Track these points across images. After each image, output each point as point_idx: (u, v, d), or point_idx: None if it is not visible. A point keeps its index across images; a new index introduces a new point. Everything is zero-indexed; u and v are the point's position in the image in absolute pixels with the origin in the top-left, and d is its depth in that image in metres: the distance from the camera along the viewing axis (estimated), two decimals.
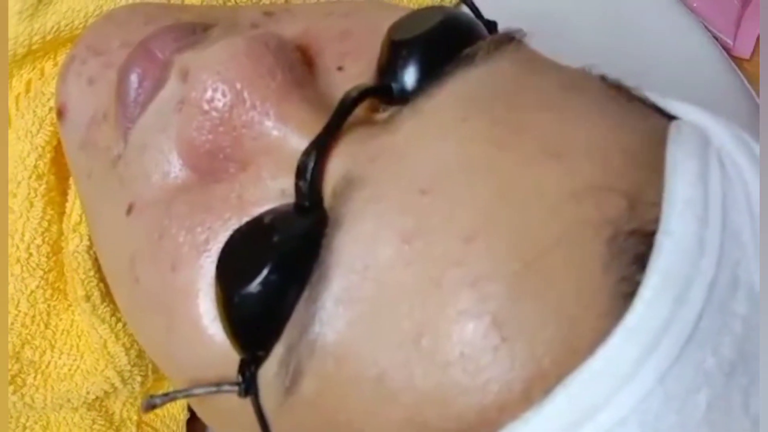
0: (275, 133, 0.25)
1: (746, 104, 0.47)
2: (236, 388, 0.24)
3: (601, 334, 0.21)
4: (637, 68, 0.29)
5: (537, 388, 0.21)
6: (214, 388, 0.25)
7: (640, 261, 0.22)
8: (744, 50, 0.50)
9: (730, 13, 0.51)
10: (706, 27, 0.49)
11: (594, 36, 0.49)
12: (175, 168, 0.28)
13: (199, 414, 0.30)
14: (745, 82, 0.48)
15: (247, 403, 0.25)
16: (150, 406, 0.26)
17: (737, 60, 0.50)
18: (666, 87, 0.29)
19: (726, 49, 0.50)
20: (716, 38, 0.49)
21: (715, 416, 0.21)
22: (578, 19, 0.50)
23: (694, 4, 0.50)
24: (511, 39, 0.27)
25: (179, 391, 0.26)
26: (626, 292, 0.21)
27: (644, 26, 0.50)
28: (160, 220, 0.27)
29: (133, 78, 0.28)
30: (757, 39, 0.51)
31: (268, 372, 0.24)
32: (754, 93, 0.46)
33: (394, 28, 0.27)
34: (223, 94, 0.25)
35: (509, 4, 0.41)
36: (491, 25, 0.29)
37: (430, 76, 0.26)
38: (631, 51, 0.48)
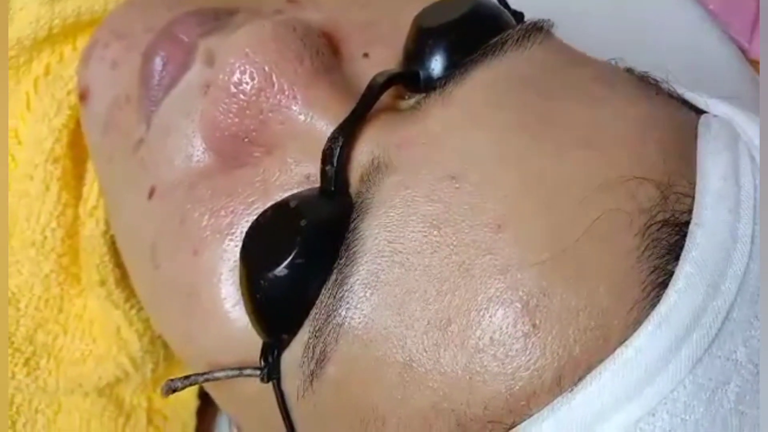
0: (302, 117, 0.25)
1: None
2: (258, 372, 0.24)
3: (633, 324, 0.21)
4: (650, 68, 0.29)
5: (567, 376, 0.21)
6: (236, 372, 0.25)
7: (673, 251, 0.21)
8: (759, 52, 0.50)
9: (746, 15, 0.51)
10: (722, 29, 0.49)
11: (609, 37, 0.49)
12: (198, 152, 0.28)
13: (217, 400, 0.30)
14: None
15: (267, 388, 0.25)
16: (170, 389, 0.25)
17: (753, 62, 0.50)
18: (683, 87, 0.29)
19: (742, 51, 0.50)
20: (732, 40, 0.49)
21: (744, 408, 0.21)
22: (593, 21, 0.50)
23: (710, 6, 0.50)
24: (540, 28, 0.27)
25: (200, 374, 0.26)
26: (659, 281, 0.21)
27: (660, 28, 0.50)
28: (183, 204, 0.27)
29: (158, 61, 0.28)
30: None
31: (292, 356, 0.24)
32: None
33: (422, 15, 0.27)
34: (251, 77, 0.25)
35: (524, 2, 0.41)
36: (518, 15, 0.28)
37: (458, 64, 0.25)
38: (647, 52, 0.48)
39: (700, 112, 0.26)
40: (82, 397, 0.36)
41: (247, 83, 0.25)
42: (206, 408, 0.38)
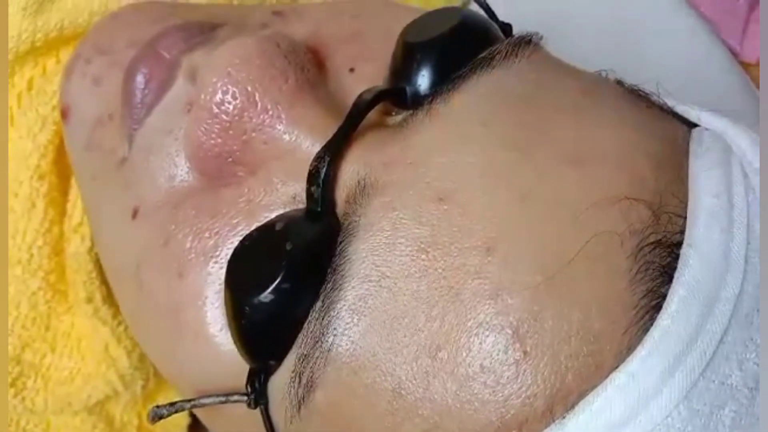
0: (287, 137, 0.25)
1: (755, 109, 0.46)
2: (245, 398, 0.24)
3: (626, 349, 0.20)
4: (644, 73, 0.28)
5: (559, 403, 0.20)
6: (222, 398, 0.24)
7: (666, 273, 0.21)
8: (751, 55, 0.50)
9: (737, 18, 0.50)
10: (714, 32, 0.49)
11: (600, 40, 0.49)
12: (183, 171, 0.27)
13: (205, 423, 0.30)
14: (754, 87, 0.47)
15: (256, 414, 0.24)
16: (156, 416, 0.25)
17: (744, 65, 0.49)
18: (674, 92, 0.29)
19: (733, 54, 0.49)
20: (724, 43, 0.49)
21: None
22: (584, 23, 0.49)
23: (701, 9, 0.50)
24: (529, 42, 0.26)
25: (186, 401, 0.25)
26: (652, 305, 0.21)
27: (651, 31, 0.49)
28: (167, 224, 0.27)
29: (140, 78, 0.28)
30: None
31: (280, 382, 0.24)
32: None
33: (408, 29, 0.27)
34: (234, 97, 0.25)
35: (514, 6, 0.40)
36: (506, 27, 0.28)
37: (445, 80, 0.25)
38: (638, 55, 0.48)
39: (691, 125, 0.26)
40: (72, 416, 0.36)
41: (229, 103, 0.25)
42: (197, 426, 0.38)
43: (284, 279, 0.22)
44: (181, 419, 0.37)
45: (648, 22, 0.49)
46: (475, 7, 0.29)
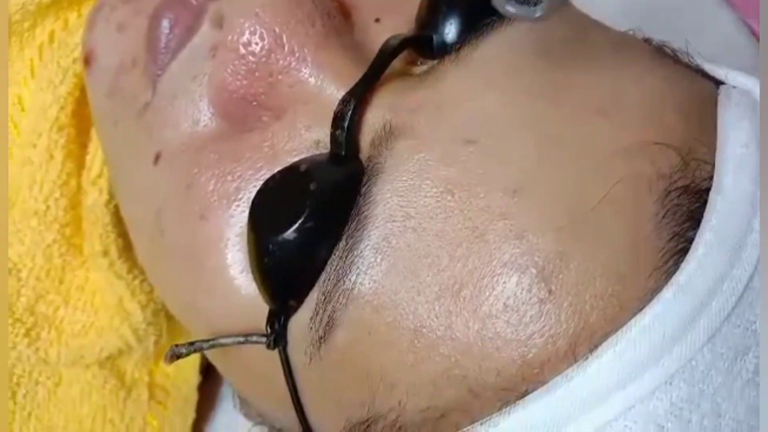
0: (312, 80, 0.25)
1: None
2: (264, 339, 0.24)
3: (652, 291, 0.20)
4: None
5: (583, 344, 0.20)
6: (242, 338, 0.24)
7: (693, 218, 0.21)
8: None
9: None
10: (736, 13, 0.49)
11: (623, 22, 0.48)
12: (206, 116, 0.27)
13: (221, 369, 0.30)
14: None
15: (273, 356, 0.24)
16: (174, 355, 0.25)
17: None
18: None
19: (756, 37, 0.49)
20: (752, 30, 0.49)
21: (762, 379, 0.20)
22: (607, 7, 0.49)
23: None
24: None
25: (205, 341, 0.25)
26: (678, 249, 0.21)
27: (674, 13, 0.49)
28: (189, 169, 0.27)
29: (165, 24, 0.28)
30: None
31: (300, 323, 0.24)
32: None
33: None
34: (261, 38, 0.25)
35: None
36: None
37: (472, 29, 0.25)
38: (662, 35, 0.48)
39: (718, 83, 0.26)
40: (83, 369, 0.36)
41: (256, 44, 0.25)
42: (208, 383, 0.38)
43: (308, 218, 0.22)
44: (192, 376, 0.37)
45: (669, 4, 0.48)
46: None
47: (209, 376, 0.38)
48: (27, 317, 0.34)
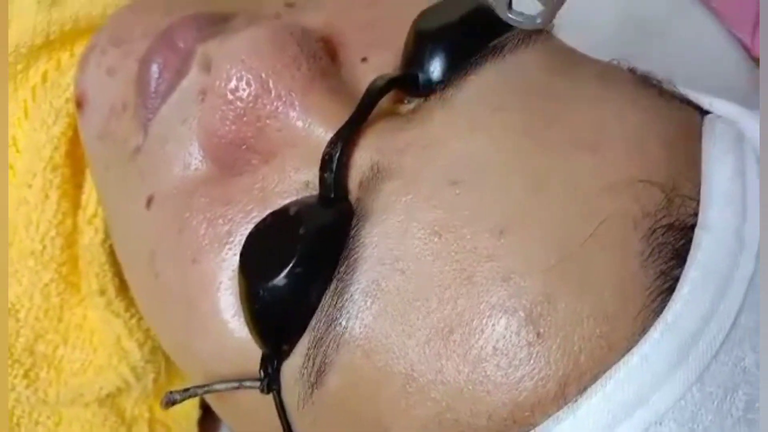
0: (300, 124, 0.25)
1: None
2: (258, 383, 0.24)
3: (639, 331, 0.20)
4: (655, 65, 0.28)
5: (572, 385, 0.20)
6: (235, 384, 0.25)
7: (679, 256, 0.21)
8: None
9: (748, 12, 0.50)
10: (726, 28, 0.49)
11: (612, 36, 0.49)
12: (196, 159, 0.27)
13: (218, 411, 0.30)
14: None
15: (268, 399, 0.24)
16: (170, 401, 0.25)
17: (757, 60, 0.49)
18: (686, 84, 0.29)
19: (745, 49, 0.49)
20: (736, 39, 0.49)
21: (753, 416, 0.20)
22: (596, 20, 0.49)
23: (713, 5, 0.50)
24: (540, 30, 0.26)
25: (200, 387, 0.25)
26: (665, 287, 0.21)
27: (662, 25, 0.49)
28: (181, 212, 0.27)
29: (154, 68, 0.28)
30: None
31: (292, 367, 0.24)
32: None
33: (421, 17, 0.27)
34: (248, 84, 0.25)
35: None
36: None
37: (457, 67, 0.25)
38: (650, 50, 0.48)
39: (704, 112, 0.26)
40: (83, 407, 0.36)
41: (243, 90, 0.25)
42: (208, 418, 0.38)
43: (298, 263, 0.23)
44: (192, 411, 0.37)
45: (659, 17, 0.49)
46: None
47: (210, 410, 0.38)
48: (26, 358, 0.34)
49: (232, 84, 0.25)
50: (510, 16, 0.24)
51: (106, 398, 0.36)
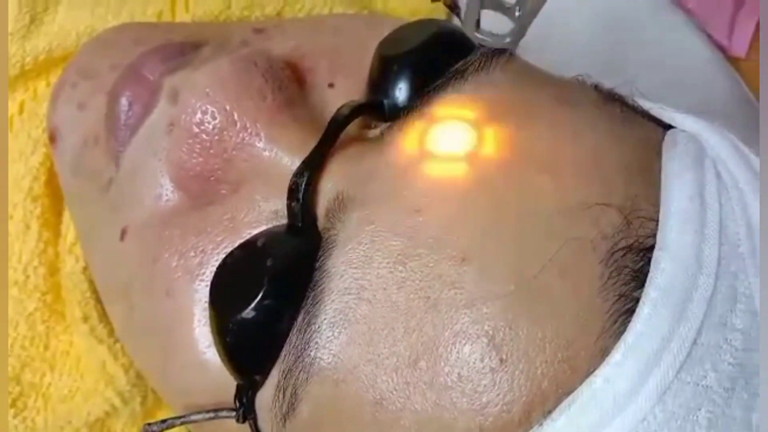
0: (266, 154, 0.25)
1: (743, 104, 0.46)
2: (234, 414, 0.24)
3: (601, 353, 0.21)
4: (631, 70, 0.29)
5: (536, 409, 0.21)
6: (212, 414, 0.25)
7: (638, 277, 0.21)
8: (739, 50, 0.50)
9: (725, 12, 0.50)
10: (701, 28, 0.49)
11: (588, 37, 0.49)
12: (168, 191, 0.27)
13: None
14: (742, 82, 0.47)
15: (245, 428, 0.25)
16: None
17: (733, 60, 0.50)
18: (662, 89, 0.29)
19: (722, 49, 0.49)
20: (712, 38, 0.49)
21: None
22: (572, 21, 0.49)
23: (689, 6, 0.50)
24: (503, 51, 0.26)
25: (177, 418, 0.26)
26: (624, 309, 0.21)
27: (637, 27, 0.49)
28: (154, 244, 0.27)
29: (123, 102, 0.28)
30: (753, 37, 0.50)
31: (266, 396, 0.24)
32: (750, 93, 0.46)
33: (385, 43, 0.27)
34: (213, 117, 0.25)
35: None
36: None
37: (421, 92, 0.25)
38: (626, 53, 0.48)
39: (667, 126, 0.26)
40: None
41: (209, 122, 0.25)
42: None
43: (265, 295, 0.23)
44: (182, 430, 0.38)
45: (634, 19, 0.49)
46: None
47: None
48: (13, 387, 0.34)
49: (197, 117, 0.25)
50: (478, 36, 0.24)
51: (95, 423, 0.36)
